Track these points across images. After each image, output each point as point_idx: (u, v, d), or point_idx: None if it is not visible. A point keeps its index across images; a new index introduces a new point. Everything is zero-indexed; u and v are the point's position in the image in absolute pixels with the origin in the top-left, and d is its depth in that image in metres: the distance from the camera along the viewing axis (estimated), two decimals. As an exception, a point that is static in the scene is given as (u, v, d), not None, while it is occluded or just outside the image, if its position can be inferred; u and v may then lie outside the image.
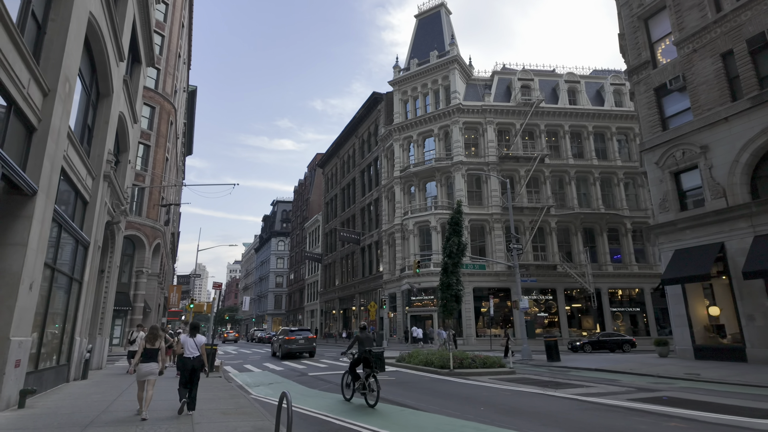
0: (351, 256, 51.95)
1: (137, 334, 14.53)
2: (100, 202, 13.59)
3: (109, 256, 16.83)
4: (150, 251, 34.45)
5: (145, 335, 8.01)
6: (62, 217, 10.21)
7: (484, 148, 39.95)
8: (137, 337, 14.39)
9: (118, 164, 17.95)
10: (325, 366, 18.36)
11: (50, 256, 9.95)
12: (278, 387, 12.61)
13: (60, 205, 10.70)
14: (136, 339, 14.43)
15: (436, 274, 35.87)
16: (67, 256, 11.40)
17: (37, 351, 9.53)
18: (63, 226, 10.44)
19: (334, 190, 60.76)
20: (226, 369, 18.36)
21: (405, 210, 40.80)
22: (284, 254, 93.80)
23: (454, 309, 16.47)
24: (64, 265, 11.19)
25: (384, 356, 10.04)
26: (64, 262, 11.19)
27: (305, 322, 67.82)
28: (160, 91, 37.41)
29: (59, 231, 10.24)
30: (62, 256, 10.97)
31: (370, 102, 48.51)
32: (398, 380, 13.19)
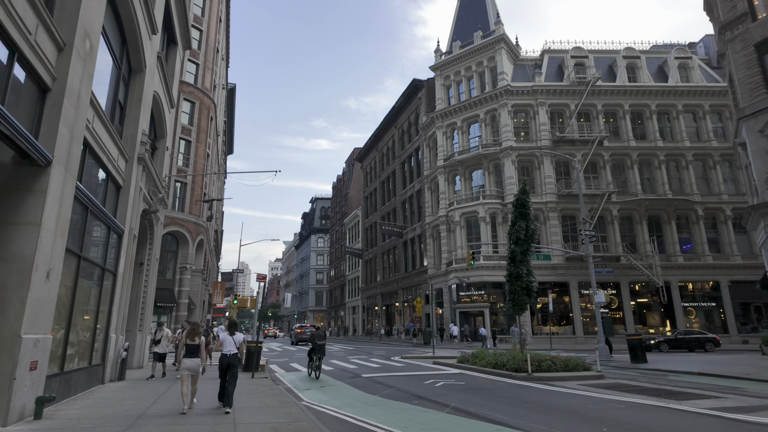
0: (393, 251, 50.30)
1: (162, 333, 13.11)
2: (135, 188, 12.46)
3: (147, 247, 15.83)
4: (193, 247, 34.08)
5: (186, 331, 8.19)
6: (88, 198, 8.97)
7: (535, 131, 37.22)
8: (162, 336, 13.01)
9: (156, 151, 16.97)
10: (377, 366, 16.73)
11: (75, 242, 8.74)
12: (331, 390, 11.05)
13: (88, 187, 9.51)
14: (161, 339, 12.96)
15: (487, 267, 33.71)
16: (97, 244, 10.23)
17: (63, 350, 8.33)
18: (90, 209, 9.22)
19: (373, 183, 59.27)
20: (271, 368, 17.08)
21: (450, 201, 38.68)
22: (324, 251, 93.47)
23: (524, 303, 14.41)
24: (94, 254, 10.02)
25: (325, 347, 14.04)
26: (94, 250, 10.02)
27: (347, 319, 66.90)
28: (199, 86, 37.00)
29: (85, 214, 9.01)
30: (91, 243, 9.79)
31: (410, 90, 46.56)
32: (469, 386, 11.33)
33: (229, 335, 8.40)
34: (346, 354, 23.87)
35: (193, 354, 7.97)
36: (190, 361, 7.90)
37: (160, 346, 12.92)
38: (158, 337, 13.04)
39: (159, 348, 12.92)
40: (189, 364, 7.88)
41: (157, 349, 12.92)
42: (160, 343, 12.89)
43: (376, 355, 22.66)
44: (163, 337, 12.98)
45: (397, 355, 21.98)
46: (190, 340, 8.00)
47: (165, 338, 12.97)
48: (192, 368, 7.92)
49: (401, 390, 10.70)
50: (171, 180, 32.92)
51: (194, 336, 8.07)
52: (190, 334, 8.06)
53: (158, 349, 12.92)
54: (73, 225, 8.55)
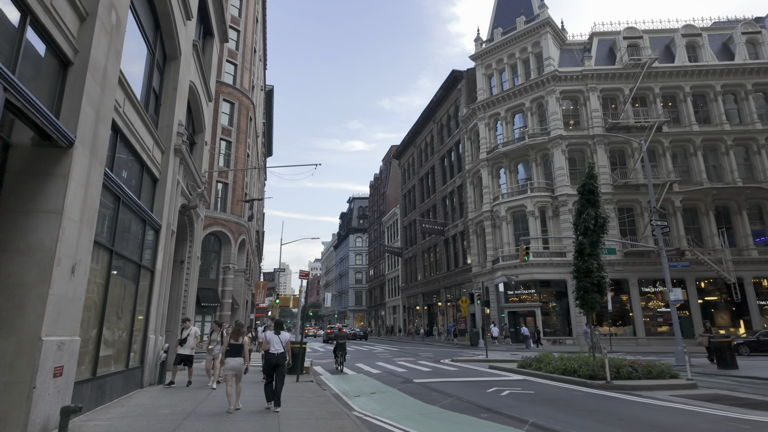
0: (433, 249, 48.87)
1: (188, 331, 11.08)
2: (172, 181, 11.83)
3: (188, 244, 15.32)
4: (236, 247, 34.07)
5: (231, 331, 8.34)
6: (120, 188, 8.27)
7: (586, 119, 34.87)
8: (188, 334, 11.03)
9: (194, 145, 16.47)
10: (428, 370, 15.52)
11: (106, 235, 8.05)
12: (384, 398, 9.95)
13: (121, 177, 8.84)
14: (187, 338, 10.98)
15: (537, 265, 31.78)
16: (132, 239, 9.57)
17: (94, 353, 7.63)
18: (123, 199, 8.52)
19: (411, 180, 58.00)
20: (316, 370, 16.22)
21: (494, 195, 36.89)
22: (362, 250, 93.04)
23: (595, 302, 12.81)
24: (129, 250, 9.35)
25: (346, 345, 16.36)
26: (128, 246, 9.35)
27: (387, 319, 65.97)
28: (237, 86, 37.02)
29: (117, 205, 8.32)
30: (125, 238, 9.13)
31: (449, 82, 44.99)
32: (540, 396, 9.93)
33: (275, 334, 8.47)
34: (391, 355, 22.79)
35: (236, 353, 8.05)
36: (233, 361, 7.98)
37: (185, 346, 10.91)
38: (184, 336, 11.02)
39: (183, 349, 10.87)
40: (232, 363, 7.96)
41: (182, 351, 10.85)
42: (187, 342, 10.90)
43: (424, 357, 21.43)
44: (189, 335, 10.94)
45: (446, 358, 20.69)
46: (234, 340, 8.10)
47: (192, 337, 10.94)
48: (235, 368, 7.99)
49: (463, 400, 9.45)
50: (213, 179, 32.99)
51: (238, 335, 8.15)
52: (234, 334, 8.16)
53: (182, 351, 10.86)
54: (103, 217, 7.86)
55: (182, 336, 11.09)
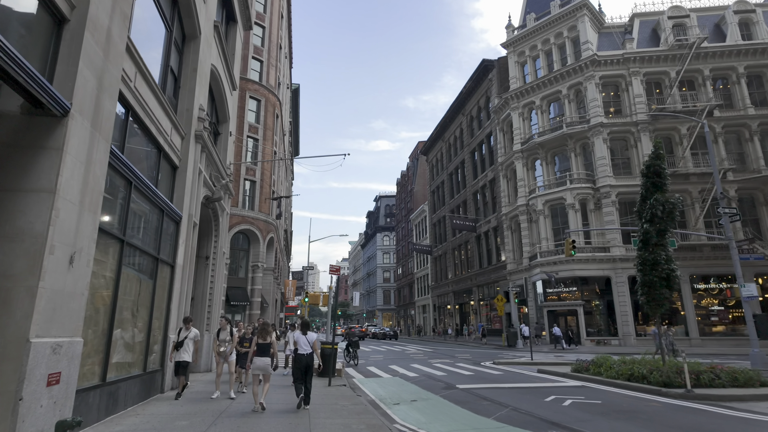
0: (465, 246, 47.28)
1: (187, 333, 8.89)
2: (193, 169, 11.00)
3: (213, 239, 14.55)
4: (264, 245, 33.60)
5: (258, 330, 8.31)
6: (131, 171, 7.39)
7: (629, 105, 32.70)
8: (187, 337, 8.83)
9: (218, 136, 15.72)
10: (470, 374, 14.25)
11: (117, 224, 7.18)
12: (427, 407, 8.79)
13: (134, 161, 8.00)
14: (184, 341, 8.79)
15: (579, 261, 29.91)
16: (147, 229, 8.72)
17: (104, 356, 6.76)
18: (135, 184, 7.65)
19: (440, 176, 56.50)
20: (348, 372, 15.20)
21: (530, 188, 35.11)
22: (390, 249, 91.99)
23: (663, 299, 11.31)
24: (145, 241, 8.51)
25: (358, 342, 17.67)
26: (144, 237, 8.51)
27: (417, 318, 64.69)
28: (263, 83, 36.52)
29: (128, 190, 7.44)
30: (139, 228, 8.28)
31: (479, 72, 43.32)
32: (610, 407, 8.56)
33: (302, 335, 8.38)
34: (426, 357, 21.58)
35: (263, 353, 7.98)
36: (260, 360, 7.94)
37: (182, 351, 8.72)
38: (181, 338, 8.76)
39: (180, 355, 8.68)
40: (259, 363, 7.93)
41: (178, 357, 8.70)
42: (184, 346, 8.71)
43: (461, 359, 20.12)
44: (188, 338, 8.76)
45: (486, 360, 19.34)
46: (262, 339, 8.02)
47: (191, 341, 8.82)
48: (262, 367, 7.95)
49: (521, 411, 8.19)
50: (241, 176, 32.57)
51: (265, 335, 8.09)
52: (262, 333, 8.08)
53: (178, 357, 8.68)
54: (111, 203, 6.99)
55: (179, 338, 8.81)
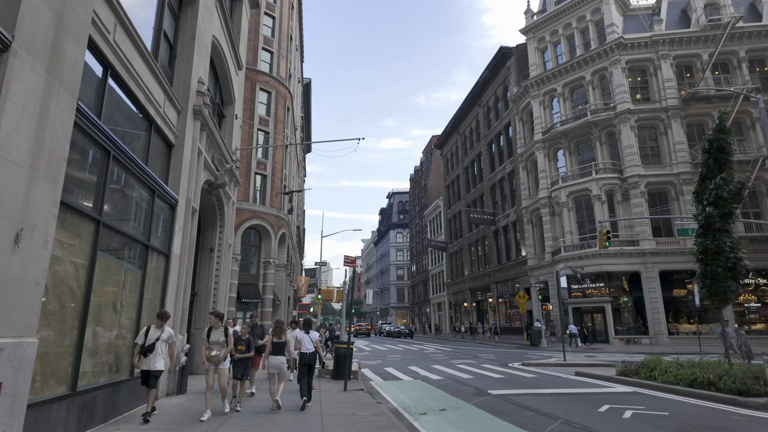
0: (482, 242, 45.74)
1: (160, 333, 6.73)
2: (192, 148, 9.83)
3: (218, 230, 13.41)
4: (275, 241, 32.61)
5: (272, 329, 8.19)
6: (108, 137, 6.19)
7: (658, 90, 30.88)
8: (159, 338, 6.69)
9: (223, 119, 14.58)
10: (500, 377, 12.90)
11: (91, 200, 6.01)
12: (460, 419, 7.50)
13: (118, 131, 6.83)
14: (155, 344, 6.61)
15: (606, 255, 28.27)
16: (134, 212, 7.56)
17: (74, 359, 5.59)
18: (115, 155, 6.44)
19: (455, 170, 54.97)
20: (364, 374, 13.98)
21: (552, 180, 33.47)
22: (404, 246, 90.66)
23: (728, 292, 9.82)
24: (130, 225, 7.34)
25: None
26: (130, 219, 7.34)
27: (432, 316, 63.31)
28: (274, 74, 35.48)
29: (106, 161, 6.25)
30: (122, 208, 7.11)
31: (497, 60, 41.69)
32: (681, 419, 7.17)
33: (305, 333, 8.44)
34: (447, 357, 20.26)
35: (278, 352, 7.93)
36: (275, 359, 7.90)
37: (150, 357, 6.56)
38: (151, 339, 6.61)
39: (150, 362, 6.56)
40: (274, 362, 7.90)
41: (147, 365, 6.57)
42: (155, 350, 6.58)
43: (486, 359, 18.75)
44: (159, 340, 6.63)
45: (512, 361, 17.94)
46: (277, 338, 7.97)
47: (163, 343, 6.72)
48: (278, 366, 7.91)
49: (574, 425, 6.85)
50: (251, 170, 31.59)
51: (280, 333, 8.03)
52: (277, 331, 8.01)
53: (147, 365, 6.56)
54: (83, 174, 5.82)
55: (146, 339, 6.59)
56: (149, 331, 6.70)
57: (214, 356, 7.31)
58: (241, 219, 30.53)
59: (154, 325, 6.79)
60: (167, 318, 6.81)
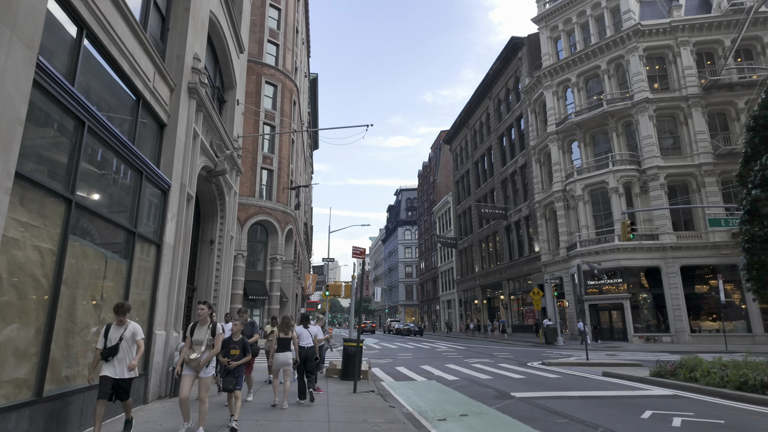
0: (493, 238, 44.72)
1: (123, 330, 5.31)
2: (186, 129, 9.05)
3: (218, 221, 12.65)
4: (282, 237, 31.97)
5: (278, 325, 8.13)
6: (81, 105, 5.40)
7: (677, 78, 29.66)
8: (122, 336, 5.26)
9: (224, 104, 13.80)
10: (520, 377, 12.00)
11: (61, 176, 5.22)
12: (482, 425, 6.65)
13: (99, 103, 6.06)
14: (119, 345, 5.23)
15: (623, 250, 27.22)
16: (117, 194, 6.77)
17: (41, 359, 4.81)
18: (91, 125, 5.63)
19: (465, 165, 53.92)
20: (374, 373, 13.16)
21: (567, 172, 32.38)
22: (412, 243, 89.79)
23: (780, 283, 8.81)
24: (112, 208, 6.56)
25: None
26: (111, 202, 6.56)
27: (442, 314, 62.39)
28: (280, 67, 34.80)
29: (79, 132, 5.44)
30: (103, 190, 6.33)
31: (507, 51, 40.59)
32: (741, 427, 6.26)
33: (304, 328, 8.48)
34: (460, 355, 19.38)
35: (284, 348, 7.87)
36: (283, 356, 7.84)
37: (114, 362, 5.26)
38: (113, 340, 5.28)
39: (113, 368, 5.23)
40: (281, 358, 7.83)
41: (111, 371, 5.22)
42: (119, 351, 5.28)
43: (502, 358, 17.85)
44: (123, 340, 5.31)
45: (531, 359, 17.03)
46: (283, 334, 7.91)
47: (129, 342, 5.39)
48: (285, 362, 7.83)
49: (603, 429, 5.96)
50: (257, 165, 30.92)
51: (287, 330, 7.95)
52: (283, 327, 7.94)
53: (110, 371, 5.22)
54: (50, 145, 5.03)
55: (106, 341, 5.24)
56: (109, 331, 5.30)
57: (194, 359, 5.70)
58: (247, 214, 29.87)
59: (114, 323, 5.35)
60: (127, 311, 5.34)
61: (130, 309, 5.45)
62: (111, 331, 5.32)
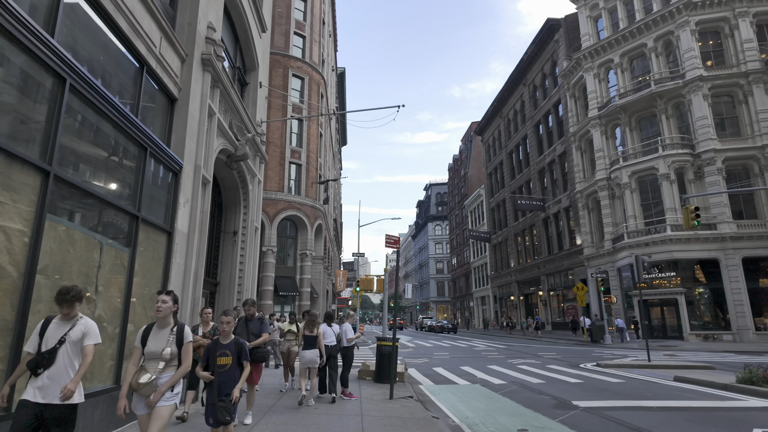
0: (529, 231, 42.76)
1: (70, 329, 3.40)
2: (201, 106, 8.17)
3: (242, 211, 11.80)
4: (312, 232, 31.34)
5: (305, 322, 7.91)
6: (59, 54, 4.49)
7: (735, 53, 27.10)
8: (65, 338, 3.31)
9: (246, 86, 12.95)
10: (577, 381, 10.63)
11: (37, 142, 4.33)
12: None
13: (93, 70, 5.17)
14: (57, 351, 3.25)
15: (677, 241, 25.09)
16: (115, 171, 5.88)
17: (7, 365, 3.92)
18: (75, 83, 4.73)
19: (498, 156, 51.96)
20: (410, 374, 12.06)
21: (611, 159, 30.27)
22: (443, 239, 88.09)
23: None
24: (107, 186, 5.67)
25: None
26: (106, 179, 5.67)
27: (476, 310, 60.68)
28: (306, 59, 34.07)
29: (59, 90, 4.53)
30: (95, 165, 5.44)
31: (543, 34, 38.50)
32: None
33: (328, 326, 8.40)
34: (502, 355, 18.03)
35: (311, 345, 7.69)
36: (309, 353, 7.66)
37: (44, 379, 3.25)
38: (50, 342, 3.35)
39: (42, 386, 3.24)
40: (308, 356, 7.65)
41: (30, 391, 3.23)
42: (55, 363, 3.31)
43: (549, 359, 16.39)
44: (66, 342, 3.40)
45: (582, 360, 15.54)
46: (309, 331, 7.74)
47: (72, 347, 3.40)
48: (312, 360, 7.66)
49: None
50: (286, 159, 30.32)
51: (312, 326, 7.77)
52: (309, 325, 7.76)
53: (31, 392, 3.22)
54: (18, 107, 4.13)
55: (41, 343, 3.35)
56: (47, 328, 3.40)
57: (147, 385, 3.58)
58: (276, 209, 29.31)
59: (57, 317, 3.47)
60: (76, 300, 3.45)
61: (81, 297, 3.51)
62: (50, 328, 3.38)
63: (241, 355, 4.29)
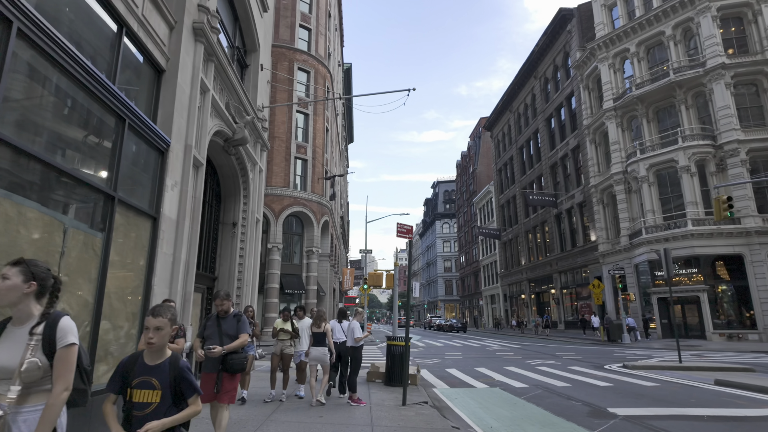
0: (541, 228, 41.70)
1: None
2: (192, 79, 7.37)
3: (242, 200, 11.01)
4: (318, 229, 30.61)
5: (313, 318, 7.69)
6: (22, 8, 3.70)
7: (759, 40, 25.92)
8: None
9: (246, 69, 12.15)
10: (607, 385, 9.71)
11: None
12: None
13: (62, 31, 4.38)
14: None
15: (698, 236, 24.01)
16: (84, 145, 5.08)
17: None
18: (23, 27, 3.96)
19: (508, 152, 50.91)
20: (423, 376, 11.22)
21: (628, 152, 29.18)
22: (451, 237, 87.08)
23: None
24: (74, 160, 4.87)
25: None
26: (69, 150, 4.85)
27: (485, 309, 59.69)
28: (312, 53, 33.32)
29: (4, 37, 3.74)
30: (55, 133, 4.63)
31: (555, 24, 37.41)
32: None
33: (338, 323, 8.38)
34: (518, 355, 17.11)
35: (319, 343, 7.47)
36: (316, 350, 7.46)
37: None
38: None
39: None
40: (315, 353, 7.46)
41: None
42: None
43: (569, 359, 15.46)
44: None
45: (605, 361, 14.61)
46: (317, 328, 7.54)
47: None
48: (320, 358, 7.44)
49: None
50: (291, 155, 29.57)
51: (320, 323, 7.54)
52: (317, 321, 7.56)
53: None
54: None
55: None
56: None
57: None
58: (282, 205, 28.59)
59: None
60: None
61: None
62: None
63: (181, 380, 2.37)
